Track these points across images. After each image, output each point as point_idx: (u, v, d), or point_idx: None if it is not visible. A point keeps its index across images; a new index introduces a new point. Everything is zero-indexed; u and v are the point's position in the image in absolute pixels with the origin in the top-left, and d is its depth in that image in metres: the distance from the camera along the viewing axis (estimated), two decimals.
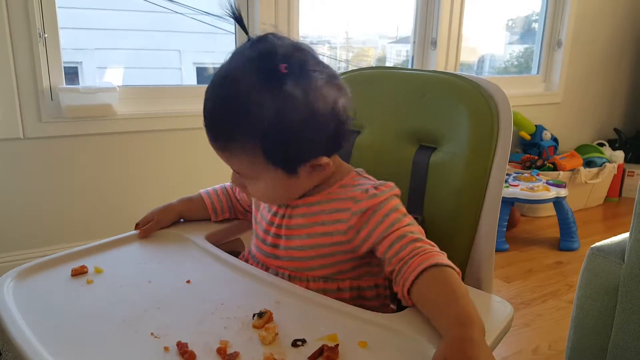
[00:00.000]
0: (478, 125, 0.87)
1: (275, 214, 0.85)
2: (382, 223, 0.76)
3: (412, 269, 0.70)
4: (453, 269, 0.70)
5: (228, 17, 0.78)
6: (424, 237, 0.76)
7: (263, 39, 0.75)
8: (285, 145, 0.73)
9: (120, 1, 2.46)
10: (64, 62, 1.94)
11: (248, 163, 0.75)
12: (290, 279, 0.82)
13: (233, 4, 0.77)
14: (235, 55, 0.76)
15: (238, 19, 0.78)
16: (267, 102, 0.70)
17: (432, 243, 0.75)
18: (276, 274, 0.83)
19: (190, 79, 3.11)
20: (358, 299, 0.83)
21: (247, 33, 0.78)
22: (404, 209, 0.79)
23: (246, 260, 0.89)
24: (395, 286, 0.74)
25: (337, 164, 0.84)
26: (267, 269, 0.84)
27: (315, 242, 0.81)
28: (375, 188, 0.79)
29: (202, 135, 0.75)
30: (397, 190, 0.81)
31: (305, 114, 0.72)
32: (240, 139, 0.73)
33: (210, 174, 2.25)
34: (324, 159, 0.77)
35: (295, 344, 0.61)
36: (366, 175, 0.85)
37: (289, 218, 0.83)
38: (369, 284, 0.84)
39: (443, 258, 0.71)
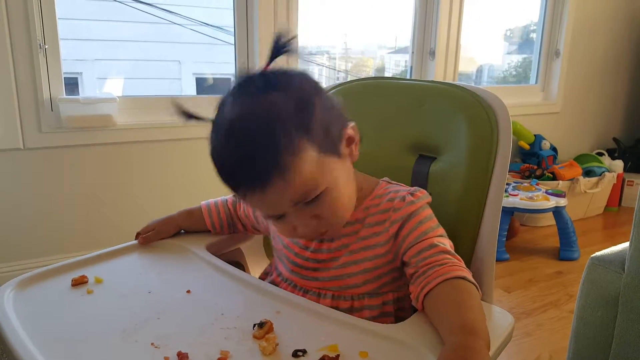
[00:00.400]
0: (477, 135, 0.87)
1: (312, 238, 0.82)
2: (415, 229, 0.76)
3: (437, 275, 0.69)
4: (475, 285, 0.70)
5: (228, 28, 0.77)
6: (453, 251, 0.76)
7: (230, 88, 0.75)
8: (320, 121, 0.70)
9: (120, 12, 2.47)
10: (64, 73, 1.95)
11: (306, 167, 0.67)
12: (333, 299, 0.80)
13: (182, 105, 0.78)
14: (222, 107, 0.74)
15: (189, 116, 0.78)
16: (279, 98, 0.68)
17: (460, 258, 0.74)
18: (318, 295, 0.81)
19: (190, 89, 3.12)
20: (399, 311, 0.82)
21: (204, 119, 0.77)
22: (436, 220, 0.79)
23: (276, 283, 0.86)
24: (412, 286, 0.73)
25: (361, 177, 0.83)
26: (306, 292, 0.82)
27: (359, 258, 0.79)
28: (412, 195, 0.79)
29: (202, 145, 0.73)
30: (429, 198, 0.81)
31: (313, 89, 0.73)
32: (285, 146, 0.66)
33: (210, 183, 2.25)
34: (351, 124, 0.76)
35: (295, 354, 0.61)
36: (396, 183, 0.85)
37: (330, 241, 0.81)
38: (407, 293, 0.83)
39: (468, 274, 0.71)
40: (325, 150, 0.70)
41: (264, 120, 0.67)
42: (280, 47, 0.73)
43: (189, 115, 0.76)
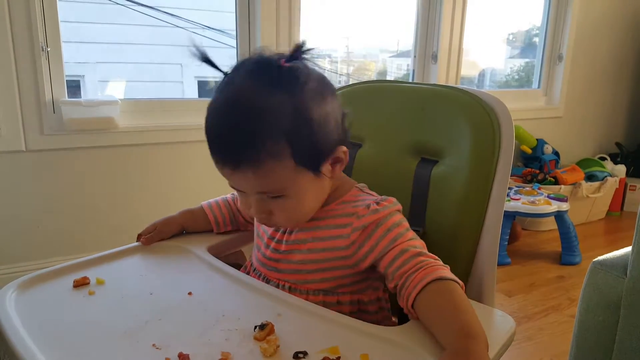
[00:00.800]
0: (479, 139, 0.87)
1: (275, 229, 0.85)
2: (384, 238, 0.76)
3: (415, 283, 0.70)
4: (457, 282, 0.70)
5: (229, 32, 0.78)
6: (426, 251, 0.76)
7: (249, 57, 0.75)
8: (310, 137, 0.72)
9: (122, 15, 2.47)
10: (67, 76, 1.95)
11: (278, 171, 0.71)
12: (290, 291, 0.82)
13: (199, 47, 0.77)
14: (231, 78, 0.74)
15: (207, 61, 0.77)
16: (282, 99, 0.70)
17: (435, 257, 0.74)
18: (277, 286, 0.82)
19: (192, 92, 3.13)
20: (358, 313, 0.83)
21: (221, 71, 0.77)
22: (406, 224, 0.79)
23: (247, 272, 0.89)
24: (400, 300, 0.73)
25: (340, 179, 0.84)
26: (267, 281, 0.84)
27: (316, 257, 0.80)
28: (377, 203, 0.79)
29: (204, 148, 0.74)
30: (399, 206, 0.81)
31: (318, 101, 0.73)
32: (268, 144, 0.69)
33: (211, 186, 2.25)
34: (343, 148, 0.77)
35: (296, 356, 0.61)
36: (368, 191, 0.85)
37: (289, 233, 0.83)
38: (371, 297, 0.84)
39: (446, 272, 0.71)
40: (303, 164, 0.73)
41: (260, 113, 0.69)
42: (301, 52, 0.73)
43: (208, 60, 0.76)
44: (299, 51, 0.71)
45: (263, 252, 0.86)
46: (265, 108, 0.69)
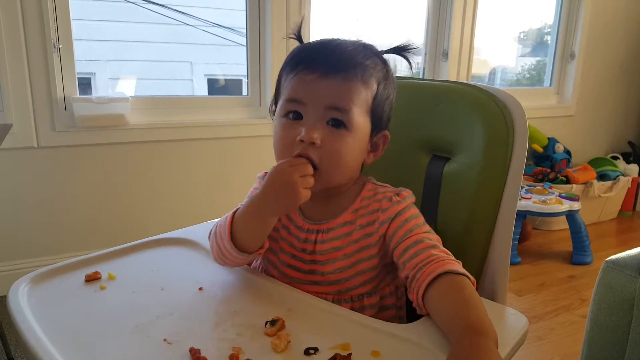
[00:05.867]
0: (492, 136, 0.86)
1: (305, 241, 0.82)
2: (401, 228, 0.77)
3: (425, 275, 0.69)
4: (468, 277, 0.70)
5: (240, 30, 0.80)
6: (440, 245, 0.76)
7: None
8: (384, 98, 0.79)
9: (133, 13, 2.48)
10: (78, 73, 1.97)
11: (360, 96, 0.76)
12: (333, 302, 0.78)
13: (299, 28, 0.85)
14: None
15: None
16: (381, 62, 0.80)
17: (448, 252, 0.74)
18: None
19: (202, 90, 3.13)
20: (398, 301, 0.84)
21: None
22: (422, 218, 0.80)
23: None
24: (410, 293, 0.73)
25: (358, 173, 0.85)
26: None
27: (353, 260, 0.79)
28: (398, 195, 0.80)
29: (213, 145, 0.74)
30: (414, 198, 0.82)
31: (394, 84, 0.82)
32: (370, 72, 0.76)
33: (221, 182, 2.26)
34: (387, 133, 0.83)
35: (307, 352, 0.61)
36: (380, 184, 0.85)
37: (322, 243, 0.81)
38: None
39: (458, 266, 0.70)
40: (372, 112, 0.78)
41: (370, 51, 0.79)
42: (403, 48, 0.82)
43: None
44: (403, 46, 0.82)
45: (294, 265, 0.82)
46: (374, 53, 0.79)
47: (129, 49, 2.85)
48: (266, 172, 0.80)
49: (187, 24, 2.61)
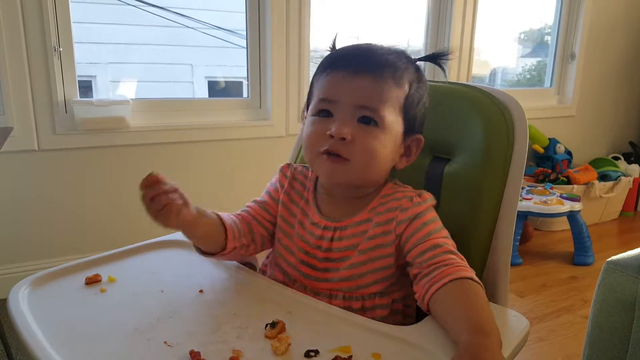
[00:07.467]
0: (493, 137, 0.86)
1: (320, 238, 0.81)
2: (420, 230, 0.77)
3: (442, 276, 0.69)
4: (480, 285, 0.70)
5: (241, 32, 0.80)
6: (456, 250, 0.76)
7: None
8: (418, 101, 0.80)
9: (134, 16, 2.49)
10: (78, 76, 1.97)
11: (392, 96, 0.76)
12: (344, 300, 0.79)
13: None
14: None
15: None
16: (413, 66, 0.81)
17: (463, 257, 0.74)
18: (329, 297, 0.80)
19: (202, 92, 3.14)
20: (406, 308, 0.83)
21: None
22: (440, 222, 0.80)
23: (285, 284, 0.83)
24: (416, 286, 0.73)
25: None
26: (317, 294, 0.80)
27: (368, 257, 0.79)
28: (419, 196, 0.80)
29: (215, 148, 0.74)
30: (434, 201, 0.82)
31: (426, 88, 0.83)
32: (401, 72, 0.77)
33: (222, 184, 2.26)
34: (421, 137, 0.83)
35: (308, 354, 0.61)
36: (401, 184, 0.85)
37: (339, 240, 0.81)
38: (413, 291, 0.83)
39: (472, 274, 0.71)
40: (407, 110, 0.78)
41: (403, 55, 0.80)
42: (439, 56, 0.84)
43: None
44: (438, 54, 0.83)
45: (307, 262, 0.82)
46: (406, 57, 0.80)
47: (129, 51, 2.85)
48: (287, 164, 0.90)
49: (188, 27, 2.62)
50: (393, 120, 0.76)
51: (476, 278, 0.70)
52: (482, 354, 0.57)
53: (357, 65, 0.76)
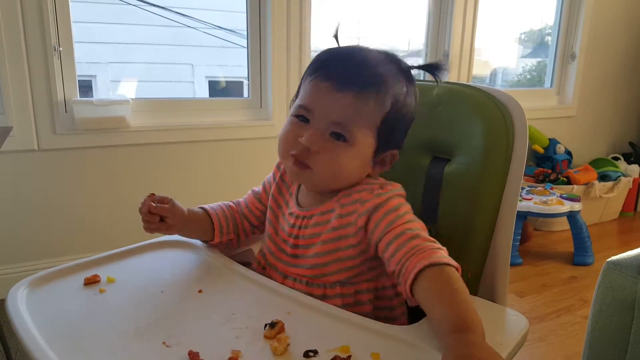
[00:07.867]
0: (492, 137, 0.86)
1: (292, 226, 0.85)
2: (383, 220, 0.77)
3: (409, 271, 0.69)
4: (451, 265, 0.68)
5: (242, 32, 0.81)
6: (424, 233, 0.75)
7: None
8: (399, 118, 0.80)
9: (134, 16, 2.48)
10: (79, 76, 1.97)
11: (369, 114, 0.77)
12: (307, 285, 0.82)
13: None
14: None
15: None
16: (402, 78, 0.80)
17: (432, 239, 0.73)
18: (294, 281, 0.83)
19: (203, 92, 3.13)
20: (376, 300, 0.83)
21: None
22: (406, 207, 0.79)
23: (263, 269, 0.89)
24: (400, 288, 0.73)
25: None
26: (285, 277, 0.85)
27: (330, 248, 0.81)
28: (381, 187, 0.80)
29: (215, 148, 0.75)
30: (402, 192, 0.82)
31: (413, 104, 0.82)
32: (386, 89, 0.77)
33: (221, 185, 2.26)
34: (396, 152, 0.84)
35: (307, 354, 0.61)
36: (375, 179, 0.85)
37: (305, 228, 0.84)
38: (385, 283, 0.84)
39: (440, 255, 0.69)
40: (385, 126, 0.79)
41: (393, 64, 0.80)
42: (435, 67, 0.84)
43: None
44: (435, 64, 0.84)
45: (282, 248, 0.87)
46: (399, 68, 0.80)
47: (129, 51, 2.85)
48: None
49: (188, 26, 2.62)
50: (364, 138, 0.78)
51: (444, 258, 0.69)
52: (465, 351, 0.56)
53: (342, 78, 0.76)
